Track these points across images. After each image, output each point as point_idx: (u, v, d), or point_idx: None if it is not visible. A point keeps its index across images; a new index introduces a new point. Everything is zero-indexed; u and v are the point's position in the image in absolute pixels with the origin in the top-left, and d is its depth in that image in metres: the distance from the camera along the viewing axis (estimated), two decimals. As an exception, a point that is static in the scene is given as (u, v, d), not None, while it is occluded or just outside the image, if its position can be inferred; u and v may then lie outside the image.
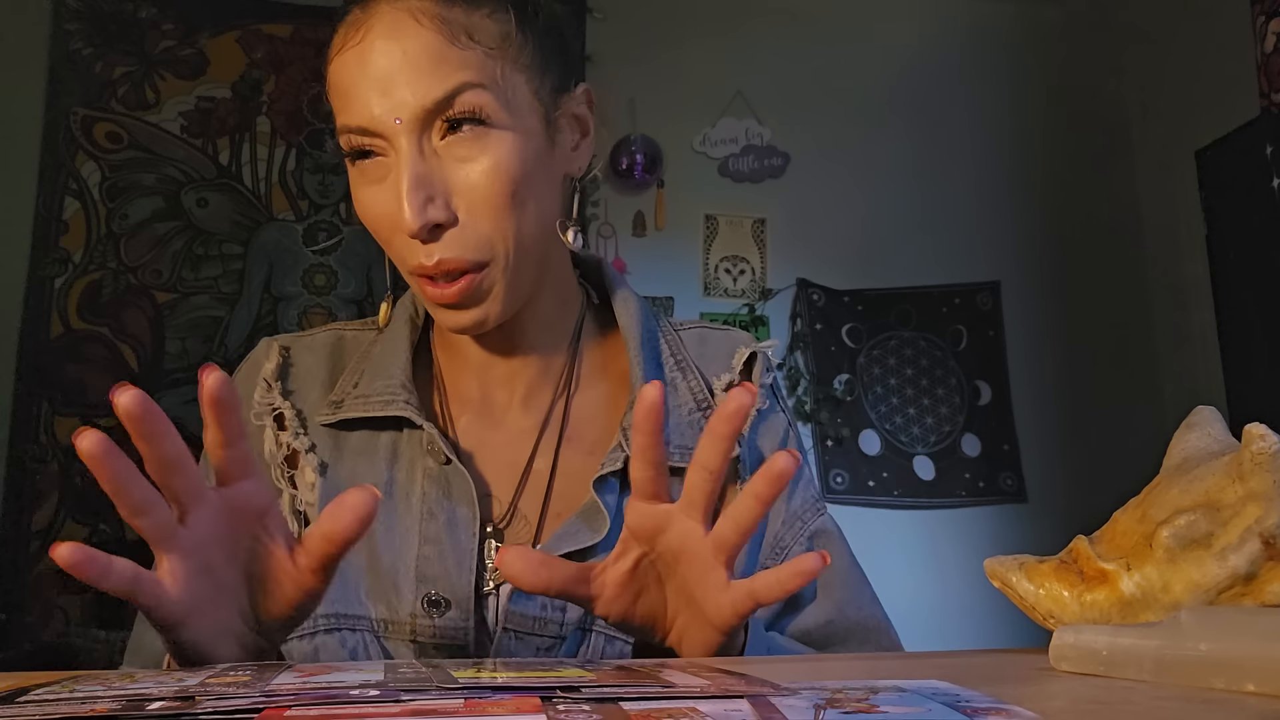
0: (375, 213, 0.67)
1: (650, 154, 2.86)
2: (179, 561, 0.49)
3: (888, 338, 2.98)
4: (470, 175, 0.65)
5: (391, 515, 0.71)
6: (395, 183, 0.64)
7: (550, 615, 0.68)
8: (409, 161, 0.64)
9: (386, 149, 0.65)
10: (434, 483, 0.71)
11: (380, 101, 0.64)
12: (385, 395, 0.73)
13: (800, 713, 0.32)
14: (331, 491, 0.72)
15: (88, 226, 2.62)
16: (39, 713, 0.32)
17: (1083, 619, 0.48)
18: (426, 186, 0.64)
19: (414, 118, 0.64)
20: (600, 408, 0.77)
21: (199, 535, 0.50)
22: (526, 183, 0.67)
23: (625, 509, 0.57)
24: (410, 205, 0.63)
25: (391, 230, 0.66)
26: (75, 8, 2.68)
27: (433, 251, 0.65)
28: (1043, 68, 3.16)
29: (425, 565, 0.69)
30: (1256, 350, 2.56)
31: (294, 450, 0.74)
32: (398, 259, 0.68)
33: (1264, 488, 0.44)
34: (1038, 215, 3.10)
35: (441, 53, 0.64)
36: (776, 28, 3.02)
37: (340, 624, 0.69)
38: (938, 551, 2.85)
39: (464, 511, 0.70)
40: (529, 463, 0.74)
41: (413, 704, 0.33)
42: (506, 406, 0.76)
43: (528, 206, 0.67)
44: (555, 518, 0.72)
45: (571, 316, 0.78)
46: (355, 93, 0.65)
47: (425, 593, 0.68)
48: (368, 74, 0.64)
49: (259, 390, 0.75)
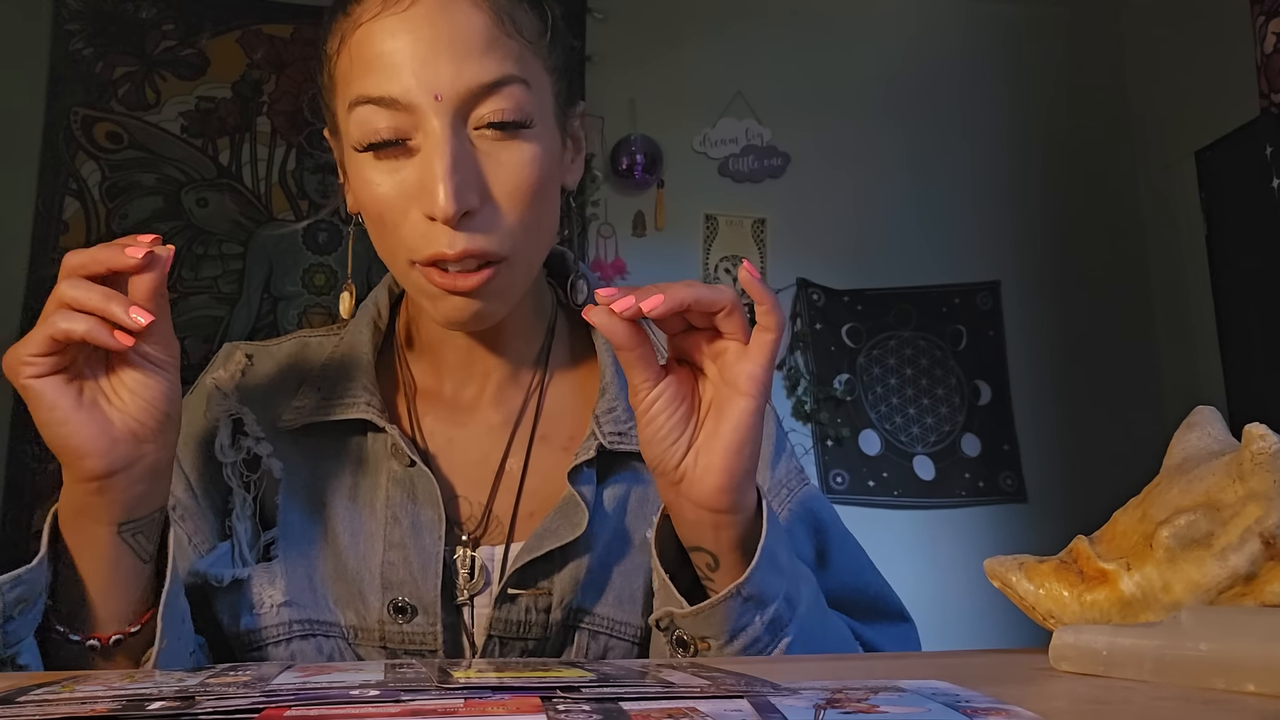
0: (389, 195, 0.63)
1: (650, 154, 2.86)
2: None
3: (887, 338, 2.98)
4: (505, 167, 0.63)
5: (357, 520, 0.70)
6: (427, 163, 0.61)
7: (534, 618, 0.68)
8: (447, 141, 0.61)
9: (411, 130, 0.62)
10: (399, 486, 0.70)
11: (420, 73, 0.60)
12: (346, 398, 0.72)
13: (800, 713, 0.32)
14: (292, 495, 0.71)
15: (88, 226, 2.62)
16: (39, 713, 0.32)
17: (1083, 619, 0.48)
18: (464, 169, 0.61)
19: (456, 97, 0.61)
20: (571, 403, 0.76)
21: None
22: (547, 184, 0.66)
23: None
24: (448, 187, 0.60)
25: (404, 214, 0.63)
26: (75, 8, 2.68)
27: (456, 240, 0.61)
28: (1043, 68, 3.16)
29: (390, 571, 0.68)
30: (1256, 350, 2.56)
31: (255, 455, 0.72)
32: (403, 247, 0.64)
33: (1264, 487, 0.44)
34: (1038, 215, 3.10)
35: (493, 36, 0.62)
36: (776, 28, 3.02)
37: (314, 629, 0.68)
38: (938, 551, 2.85)
39: (429, 514, 0.69)
40: (502, 462, 0.73)
41: (413, 704, 0.33)
42: (475, 404, 0.75)
43: (546, 208, 0.67)
44: (528, 517, 0.71)
45: (544, 317, 0.77)
46: (391, 61, 0.61)
47: (391, 599, 0.67)
48: (412, 43, 0.60)
49: (214, 399, 0.74)
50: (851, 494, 2.84)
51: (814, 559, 0.76)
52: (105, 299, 0.53)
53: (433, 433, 0.74)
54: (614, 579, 0.71)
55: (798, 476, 0.78)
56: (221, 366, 0.76)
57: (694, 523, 0.59)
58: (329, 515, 0.71)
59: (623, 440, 0.71)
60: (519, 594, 0.67)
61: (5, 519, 2.46)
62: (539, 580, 0.68)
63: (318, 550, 0.70)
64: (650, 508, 0.73)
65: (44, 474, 2.49)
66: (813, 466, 2.83)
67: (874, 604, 0.77)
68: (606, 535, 0.71)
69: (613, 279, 2.78)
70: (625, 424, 0.71)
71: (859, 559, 0.78)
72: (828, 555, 0.76)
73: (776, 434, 0.79)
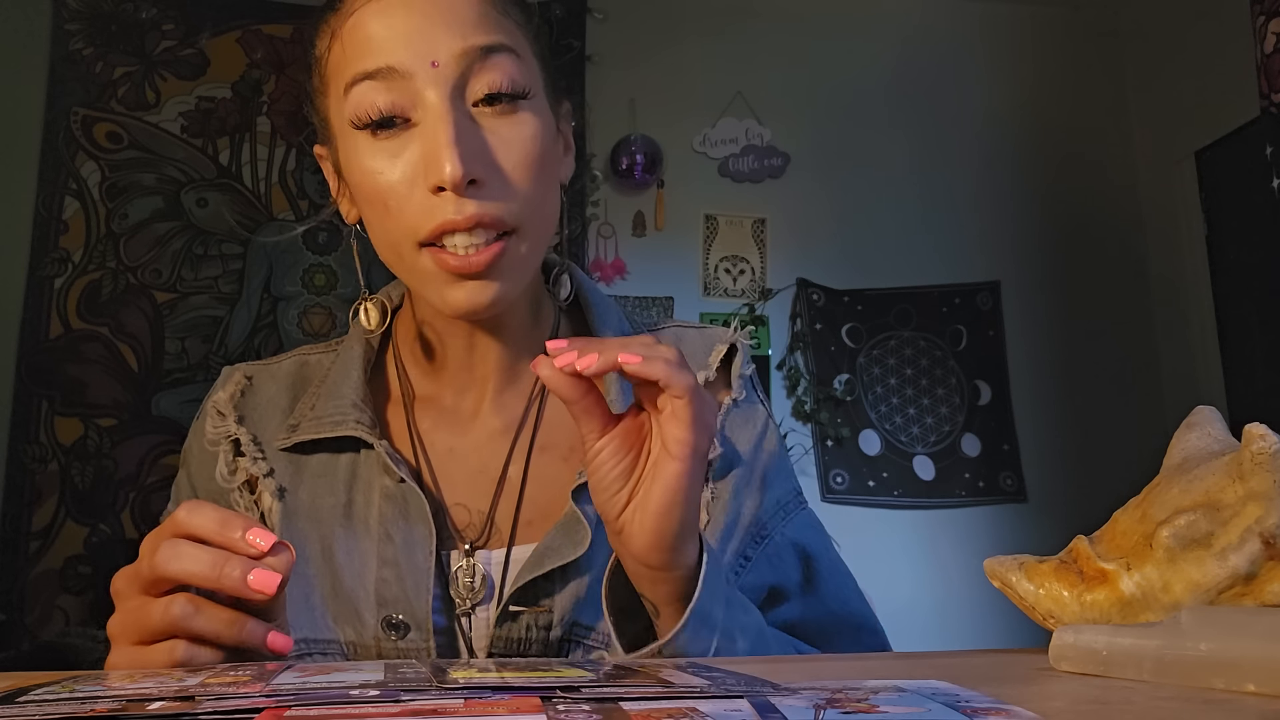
0: (391, 178, 0.63)
1: (650, 154, 2.86)
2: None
3: (887, 338, 2.98)
4: (507, 141, 0.63)
5: (352, 538, 0.70)
6: (429, 135, 0.61)
7: (535, 635, 0.68)
8: (449, 111, 0.61)
9: (410, 106, 0.62)
10: (391, 502, 0.70)
11: (416, 43, 0.61)
12: (336, 416, 0.71)
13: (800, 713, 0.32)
14: (291, 515, 0.71)
15: (87, 226, 2.62)
16: (39, 713, 0.32)
17: (1083, 619, 0.48)
18: (469, 139, 0.61)
19: (453, 61, 0.61)
20: None
21: None
22: (548, 160, 0.66)
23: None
24: (454, 152, 0.59)
25: (408, 195, 0.63)
26: (75, 8, 2.68)
27: (465, 205, 0.61)
28: (1043, 68, 3.16)
29: (384, 588, 0.68)
30: (1256, 350, 2.57)
31: (252, 476, 0.72)
32: (406, 230, 0.63)
33: (1264, 487, 0.44)
34: (1038, 215, 3.10)
35: (484, 11, 0.63)
36: (776, 28, 3.02)
37: (311, 648, 0.68)
38: (938, 551, 2.85)
39: (420, 530, 0.69)
40: (504, 470, 0.73)
41: (413, 704, 0.33)
42: (475, 411, 0.74)
43: (549, 186, 0.67)
44: (527, 525, 0.71)
45: (544, 321, 0.77)
46: (386, 34, 0.61)
47: (385, 616, 0.68)
48: (405, 17, 0.61)
49: (211, 420, 0.75)
50: (851, 494, 2.84)
51: (800, 586, 0.76)
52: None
53: (433, 442, 0.74)
54: None
55: (794, 500, 0.78)
56: (221, 388, 0.77)
57: (634, 573, 0.59)
58: (325, 534, 0.71)
59: None
60: (521, 611, 0.68)
61: (5, 519, 2.46)
62: (540, 598, 0.68)
63: (315, 570, 0.70)
64: None
65: (44, 474, 2.49)
66: (813, 466, 2.83)
67: (857, 633, 0.77)
68: (607, 552, 0.71)
69: (613, 279, 2.78)
70: None
71: (846, 586, 0.78)
72: (816, 583, 0.76)
73: (777, 454, 0.78)
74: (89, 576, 2.46)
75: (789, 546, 0.75)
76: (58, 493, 2.48)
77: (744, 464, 0.75)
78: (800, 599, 0.75)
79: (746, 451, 0.76)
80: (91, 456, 2.50)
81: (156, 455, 2.53)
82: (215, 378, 0.79)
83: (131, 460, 2.52)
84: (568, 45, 2.86)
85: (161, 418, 2.55)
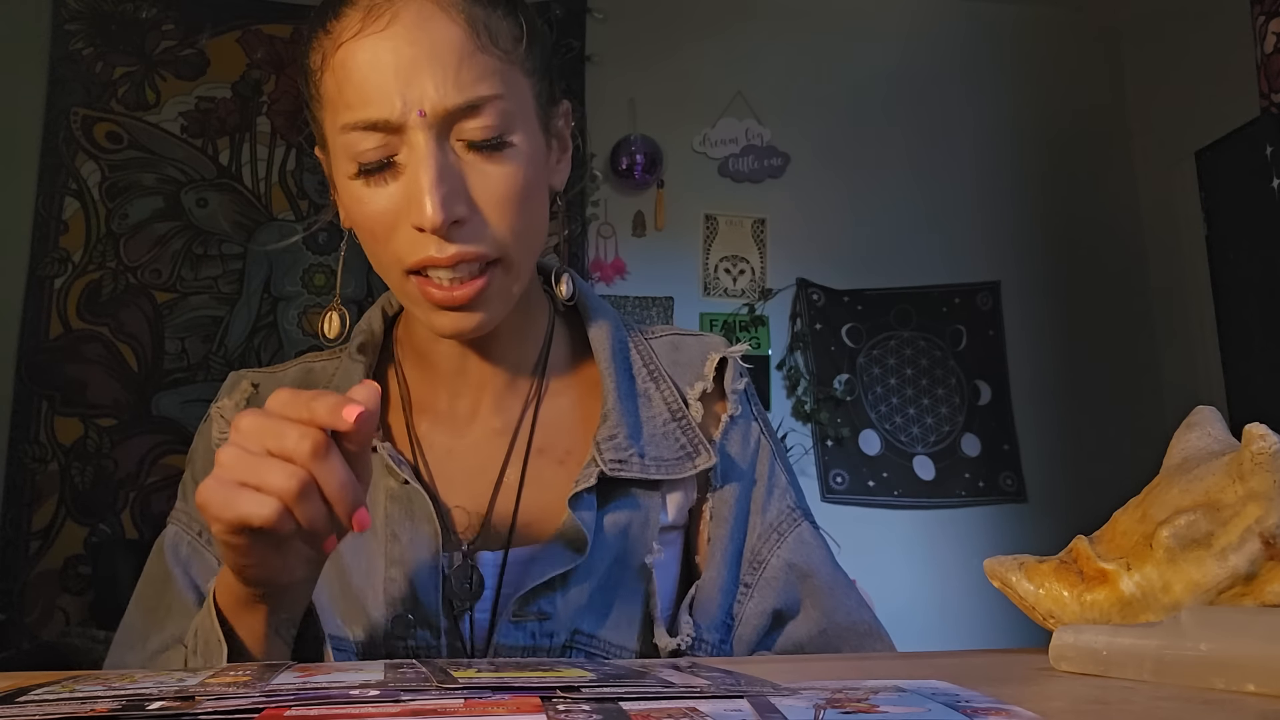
0: (379, 209, 0.65)
1: (650, 154, 2.86)
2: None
3: (887, 338, 2.98)
4: (490, 179, 0.64)
5: (358, 539, 0.71)
6: (413, 177, 0.63)
7: (538, 643, 0.68)
8: (431, 155, 0.62)
9: (399, 146, 0.64)
10: (396, 503, 0.71)
11: (405, 93, 0.62)
12: None
13: (800, 713, 0.32)
14: None
15: (87, 226, 2.62)
16: (39, 713, 0.32)
17: (1083, 619, 0.48)
18: (450, 180, 0.63)
19: (436, 113, 0.62)
20: (570, 417, 0.76)
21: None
22: (532, 189, 0.67)
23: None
24: (434, 198, 0.61)
25: (394, 227, 0.64)
26: (75, 8, 2.68)
27: (446, 246, 0.63)
28: (1043, 67, 3.16)
29: (392, 587, 0.69)
30: (1256, 350, 2.56)
31: None
32: (393, 259, 0.66)
33: (1264, 487, 0.44)
34: (1038, 215, 3.10)
35: (468, 52, 0.63)
36: (776, 28, 3.02)
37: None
38: (938, 551, 2.85)
39: (426, 530, 0.70)
40: (501, 472, 0.73)
41: (413, 704, 0.33)
42: (473, 414, 0.75)
43: (534, 212, 0.67)
44: (524, 527, 0.72)
45: (540, 324, 0.78)
46: (376, 81, 0.62)
47: (394, 614, 0.69)
48: (393, 63, 0.62)
49: (217, 425, 0.76)
50: (851, 494, 2.84)
51: (802, 605, 0.76)
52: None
53: (431, 444, 0.75)
54: (613, 603, 0.71)
55: (789, 518, 0.77)
56: (227, 395, 0.77)
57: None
58: None
59: (623, 468, 0.71)
60: (522, 619, 0.68)
61: (5, 519, 2.46)
62: (541, 606, 0.69)
63: (323, 570, 0.71)
64: (649, 533, 0.73)
65: (44, 474, 2.49)
66: (813, 466, 2.83)
67: (863, 640, 0.77)
68: (607, 560, 0.71)
69: (613, 279, 2.78)
70: (626, 451, 0.72)
71: (848, 598, 0.78)
72: (818, 600, 0.76)
73: (769, 475, 0.78)
74: (89, 576, 2.46)
75: (784, 569, 0.76)
76: (58, 493, 2.48)
77: (741, 482, 0.76)
78: (804, 618, 0.75)
79: (742, 472, 0.76)
80: (91, 456, 2.50)
81: (156, 455, 2.53)
82: (215, 377, 0.80)
83: (131, 460, 2.52)
84: (568, 45, 2.86)
85: (161, 418, 2.55)
